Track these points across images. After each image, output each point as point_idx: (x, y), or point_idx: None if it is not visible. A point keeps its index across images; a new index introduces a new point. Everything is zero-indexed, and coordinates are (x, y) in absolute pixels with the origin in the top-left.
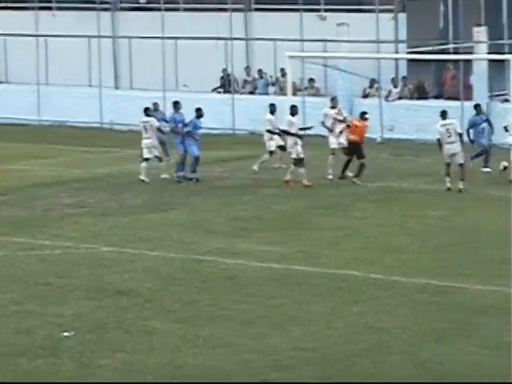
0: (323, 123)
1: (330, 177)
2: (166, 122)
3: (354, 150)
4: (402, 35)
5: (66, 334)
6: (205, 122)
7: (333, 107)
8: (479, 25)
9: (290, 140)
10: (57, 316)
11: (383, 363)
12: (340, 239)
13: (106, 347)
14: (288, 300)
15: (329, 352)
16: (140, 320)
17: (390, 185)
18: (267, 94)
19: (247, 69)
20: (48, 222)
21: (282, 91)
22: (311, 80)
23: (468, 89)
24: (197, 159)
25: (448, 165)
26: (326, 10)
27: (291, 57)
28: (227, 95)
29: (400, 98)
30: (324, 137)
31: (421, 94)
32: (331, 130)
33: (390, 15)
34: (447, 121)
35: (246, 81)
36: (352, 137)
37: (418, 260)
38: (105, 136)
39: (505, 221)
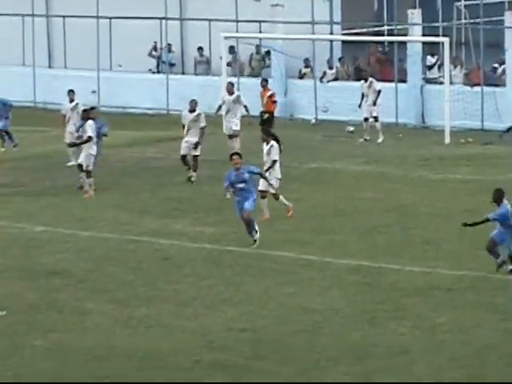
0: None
1: None
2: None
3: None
4: (337, 17)
5: None
6: (140, 102)
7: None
8: (414, 7)
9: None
10: None
11: (315, 344)
12: (273, 220)
13: (39, 327)
14: (221, 281)
15: (262, 332)
16: (73, 300)
17: (324, 166)
18: (207, 74)
19: (200, 50)
20: None
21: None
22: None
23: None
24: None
25: None
26: None
27: (226, 37)
28: (161, 75)
29: (336, 79)
30: None
31: (358, 75)
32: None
33: None
34: None
35: (199, 61)
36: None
37: (349, 241)
38: (38, 115)
39: (436, 203)
